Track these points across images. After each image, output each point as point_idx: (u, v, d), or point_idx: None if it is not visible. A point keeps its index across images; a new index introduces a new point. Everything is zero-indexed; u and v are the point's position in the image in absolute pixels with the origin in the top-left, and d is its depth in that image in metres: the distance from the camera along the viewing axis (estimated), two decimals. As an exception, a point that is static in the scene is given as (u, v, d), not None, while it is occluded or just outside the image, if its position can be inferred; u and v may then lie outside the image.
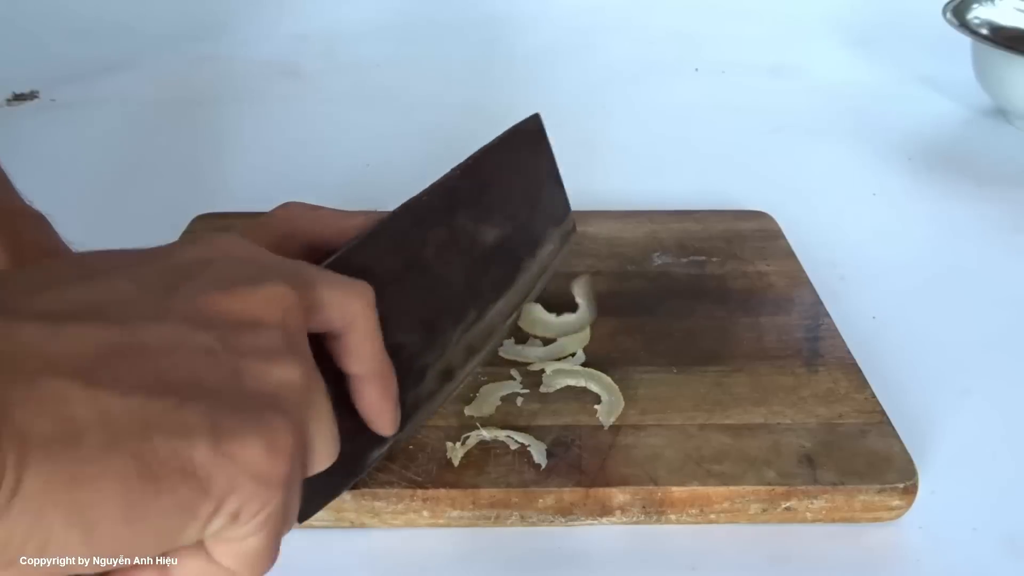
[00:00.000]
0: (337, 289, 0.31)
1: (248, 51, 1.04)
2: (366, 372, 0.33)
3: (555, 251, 0.51)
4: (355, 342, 0.32)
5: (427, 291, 0.41)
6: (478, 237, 0.45)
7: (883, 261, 0.66)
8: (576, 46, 1.08)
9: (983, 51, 0.84)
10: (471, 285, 0.44)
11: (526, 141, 0.50)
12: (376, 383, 0.33)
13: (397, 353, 0.36)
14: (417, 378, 0.40)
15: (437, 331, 0.41)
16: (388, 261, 0.38)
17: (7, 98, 0.91)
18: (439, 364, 0.41)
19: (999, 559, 0.43)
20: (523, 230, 0.48)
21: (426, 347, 0.40)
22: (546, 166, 0.51)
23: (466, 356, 0.44)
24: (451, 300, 0.43)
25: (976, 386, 0.54)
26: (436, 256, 0.42)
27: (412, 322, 0.39)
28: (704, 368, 0.51)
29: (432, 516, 0.43)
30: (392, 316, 0.36)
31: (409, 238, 0.40)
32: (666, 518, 0.43)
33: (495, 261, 0.46)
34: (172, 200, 0.70)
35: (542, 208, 0.50)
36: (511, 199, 0.48)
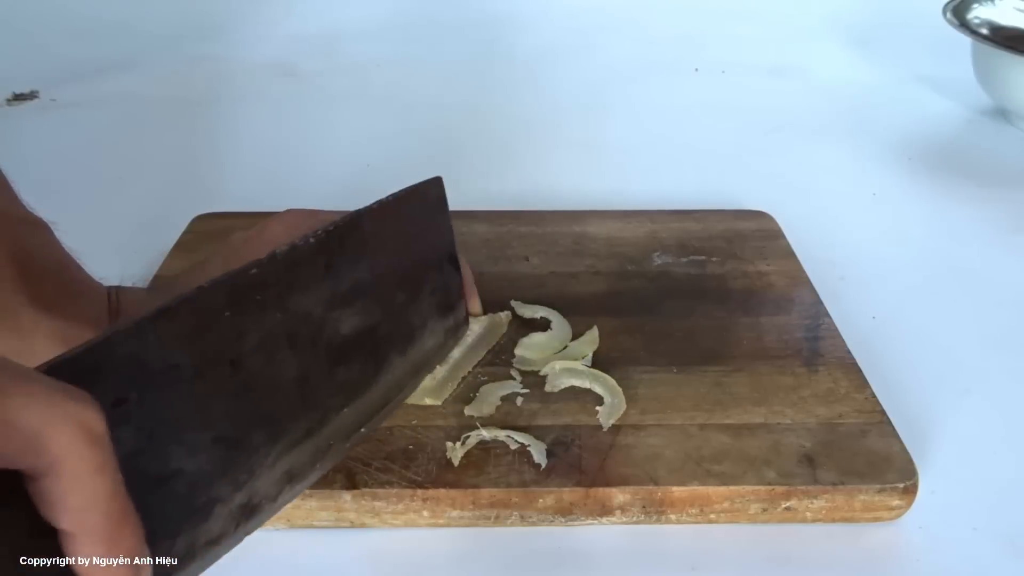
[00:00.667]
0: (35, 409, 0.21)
1: (247, 51, 1.04)
2: (78, 530, 0.23)
3: (437, 347, 0.43)
4: (59, 490, 0.22)
5: (233, 397, 0.31)
6: (327, 326, 0.35)
7: (883, 261, 0.66)
8: (576, 46, 1.08)
9: (983, 51, 0.84)
10: (307, 389, 0.34)
11: (419, 208, 0.41)
12: (96, 545, 0.23)
13: (170, 483, 0.27)
14: (198, 516, 0.29)
15: (241, 452, 0.31)
16: (176, 353, 0.29)
17: (7, 98, 0.91)
18: (238, 497, 0.31)
19: (999, 559, 0.43)
20: (395, 319, 0.39)
21: (220, 474, 0.30)
22: (441, 242, 0.43)
23: (282, 484, 0.33)
24: (271, 409, 0.33)
25: (976, 386, 0.54)
26: (257, 349, 0.32)
27: (202, 439, 0.29)
28: (704, 368, 0.51)
29: (432, 516, 0.43)
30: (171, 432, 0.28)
31: (218, 323, 0.30)
32: (666, 518, 0.43)
33: (349, 358, 0.36)
34: (172, 200, 0.70)
35: (426, 293, 0.41)
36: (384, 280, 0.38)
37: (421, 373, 0.42)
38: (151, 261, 0.61)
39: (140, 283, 0.50)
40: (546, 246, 0.62)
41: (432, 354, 0.43)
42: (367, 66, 1.01)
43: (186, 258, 0.60)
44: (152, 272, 0.59)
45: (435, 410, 0.47)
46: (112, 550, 0.23)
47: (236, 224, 0.62)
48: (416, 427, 0.46)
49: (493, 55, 1.05)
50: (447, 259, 0.43)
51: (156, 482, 0.26)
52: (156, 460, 0.26)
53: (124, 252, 0.59)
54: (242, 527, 0.32)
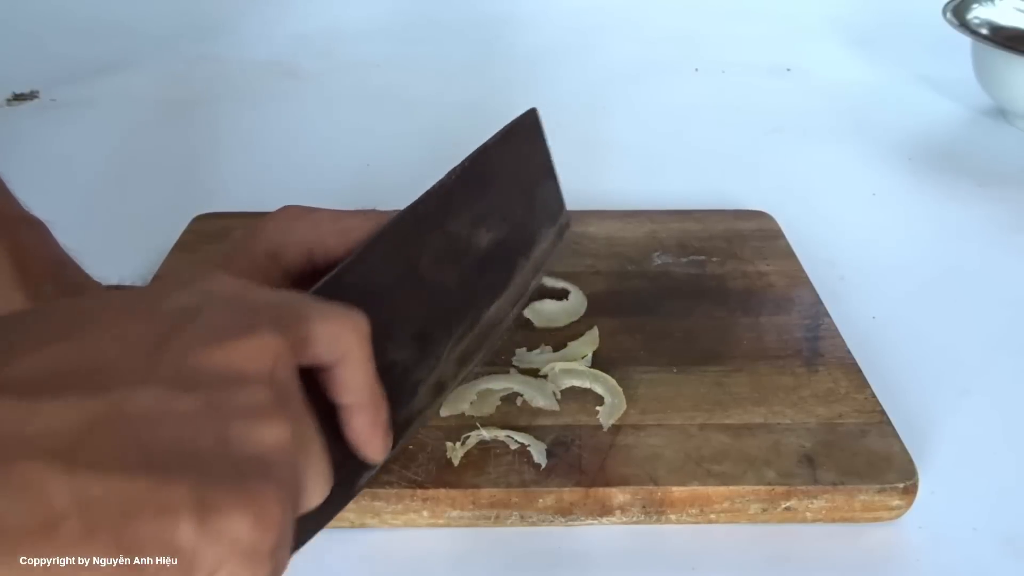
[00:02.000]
0: (329, 323, 0.30)
1: (248, 51, 1.04)
2: (356, 403, 0.31)
3: (549, 248, 0.50)
4: (346, 375, 0.31)
5: (422, 304, 0.40)
6: (473, 242, 0.44)
7: (883, 261, 0.66)
8: (576, 46, 1.08)
9: (983, 51, 0.84)
10: (465, 292, 0.43)
11: (523, 137, 0.49)
12: (366, 413, 0.32)
13: (390, 371, 0.35)
14: (409, 394, 0.38)
15: (431, 344, 0.40)
16: (382, 277, 0.38)
17: (7, 98, 0.91)
18: (431, 378, 0.40)
19: (999, 559, 0.43)
20: (518, 230, 0.47)
21: (419, 362, 0.39)
22: (542, 162, 0.51)
23: (458, 366, 0.42)
24: (445, 310, 0.41)
25: (976, 386, 0.54)
26: (431, 266, 0.41)
27: (406, 338, 0.38)
28: (704, 368, 0.51)
29: (432, 516, 0.43)
30: (386, 334, 0.35)
31: (404, 250, 0.39)
32: (666, 518, 0.43)
33: (490, 264, 0.45)
34: (172, 200, 0.70)
35: (537, 206, 0.50)
36: (507, 200, 0.47)
37: (540, 272, 0.49)
38: (151, 261, 0.61)
39: (139, 283, 0.50)
40: (546, 246, 0.62)
41: (546, 255, 0.50)
42: (367, 66, 1.01)
43: (186, 258, 0.60)
44: (152, 272, 0.59)
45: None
46: (376, 415, 0.32)
47: (236, 224, 0.62)
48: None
49: (493, 55, 1.05)
50: (548, 175, 0.51)
51: (383, 371, 0.33)
52: (381, 356, 0.33)
53: (124, 252, 0.59)
54: (436, 400, 0.40)
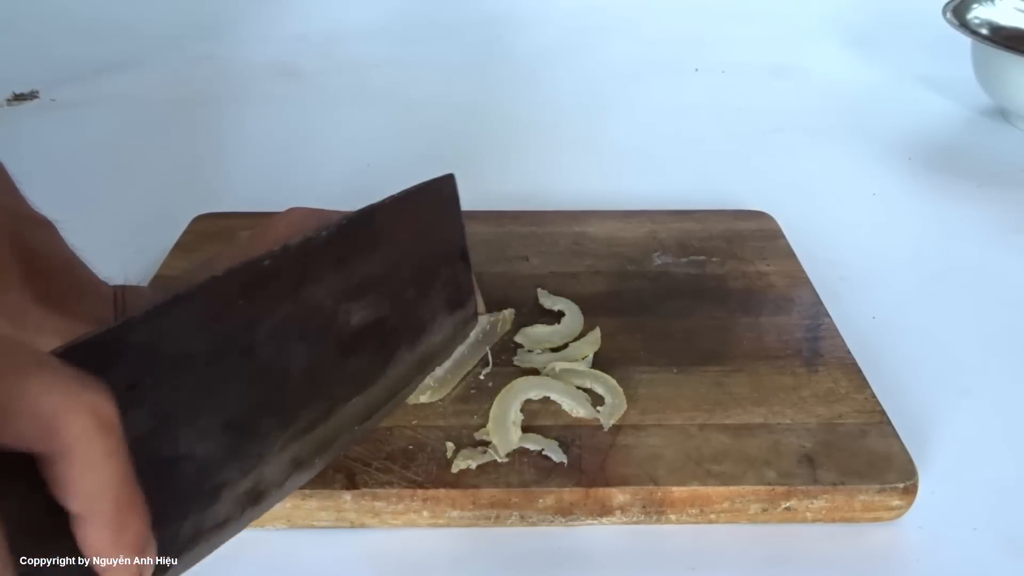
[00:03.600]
0: (52, 394, 0.22)
1: (248, 51, 1.04)
2: (89, 513, 0.23)
3: (445, 342, 0.43)
4: (72, 474, 0.23)
5: (244, 384, 0.31)
6: (338, 318, 0.36)
7: (883, 261, 0.66)
8: (576, 46, 1.08)
9: (983, 51, 0.84)
10: (317, 378, 0.35)
11: (430, 204, 0.42)
12: (104, 529, 0.24)
13: (179, 466, 0.28)
14: (206, 501, 0.30)
15: (250, 438, 0.32)
16: (191, 339, 0.29)
17: (7, 98, 0.91)
18: (245, 482, 0.32)
19: (999, 559, 0.43)
20: (405, 313, 0.40)
21: (228, 459, 0.31)
22: (452, 238, 0.44)
23: (289, 471, 0.34)
24: (281, 397, 0.33)
25: (976, 386, 0.54)
26: (268, 338, 0.32)
27: (211, 424, 0.30)
28: (704, 368, 0.51)
29: (432, 516, 0.43)
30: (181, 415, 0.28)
31: (231, 311, 0.31)
32: (666, 518, 0.43)
33: (358, 349, 0.37)
34: (172, 200, 0.70)
35: (436, 288, 0.42)
36: (394, 274, 0.39)
37: (429, 367, 0.42)
38: (151, 261, 0.61)
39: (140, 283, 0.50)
40: (546, 246, 0.62)
41: (440, 348, 0.43)
42: (367, 66, 1.01)
43: (186, 258, 0.60)
44: (152, 272, 0.59)
45: (435, 410, 0.47)
46: (119, 533, 0.24)
47: (236, 224, 0.62)
48: (416, 427, 0.46)
49: (493, 55, 1.05)
50: (458, 255, 0.44)
51: (166, 464, 0.27)
52: (167, 443, 0.27)
53: (124, 252, 0.59)
54: (248, 512, 0.32)
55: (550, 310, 0.55)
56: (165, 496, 0.26)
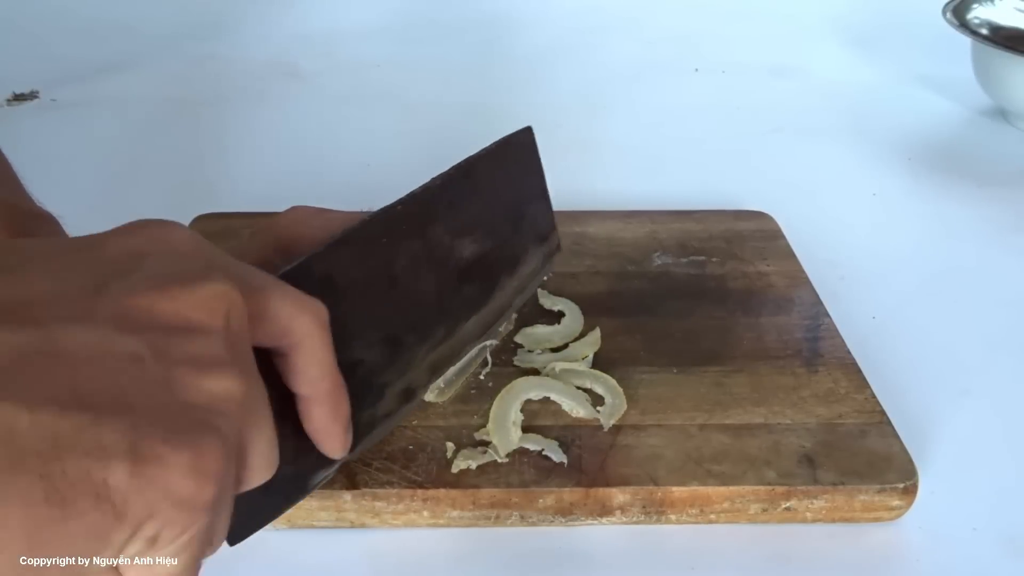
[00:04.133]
0: (287, 302, 0.28)
1: (248, 51, 1.04)
2: (314, 394, 0.30)
3: (536, 270, 0.49)
4: (303, 362, 0.29)
5: (394, 305, 0.38)
6: (454, 251, 0.42)
7: (883, 261, 0.66)
8: (576, 46, 1.08)
9: (983, 51, 0.84)
10: (442, 301, 0.42)
11: (515, 154, 0.48)
12: (325, 406, 0.30)
13: (354, 369, 0.34)
14: (375, 396, 0.37)
15: (401, 348, 0.39)
16: (353, 271, 0.36)
17: (7, 98, 0.91)
18: (400, 383, 0.39)
19: (999, 559, 0.43)
20: (504, 247, 0.46)
21: (388, 364, 0.38)
22: (534, 181, 0.49)
23: (430, 375, 0.41)
24: (419, 316, 0.40)
25: (976, 386, 0.54)
26: (407, 269, 0.39)
27: (374, 337, 0.37)
28: (704, 368, 0.51)
29: (432, 516, 0.43)
30: (353, 329, 0.34)
31: (378, 248, 0.38)
32: (666, 518, 0.43)
33: (470, 277, 0.43)
34: (172, 200, 0.70)
35: (526, 225, 0.48)
36: (493, 214, 0.45)
37: (525, 292, 0.48)
38: (151, 261, 0.61)
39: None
40: (546, 246, 0.62)
41: (532, 276, 0.48)
42: (367, 66, 1.01)
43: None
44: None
45: (435, 410, 0.47)
46: (335, 409, 0.31)
47: (237, 224, 0.62)
48: (416, 427, 0.46)
49: (493, 55, 1.05)
50: (540, 195, 0.50)
51: (347, 368, 0.32)
52: (345, 352, 0.32)
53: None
54: (404, 407, 0.39)
55: (550, 310, 0.55)
56: (350, 392, 0.32)
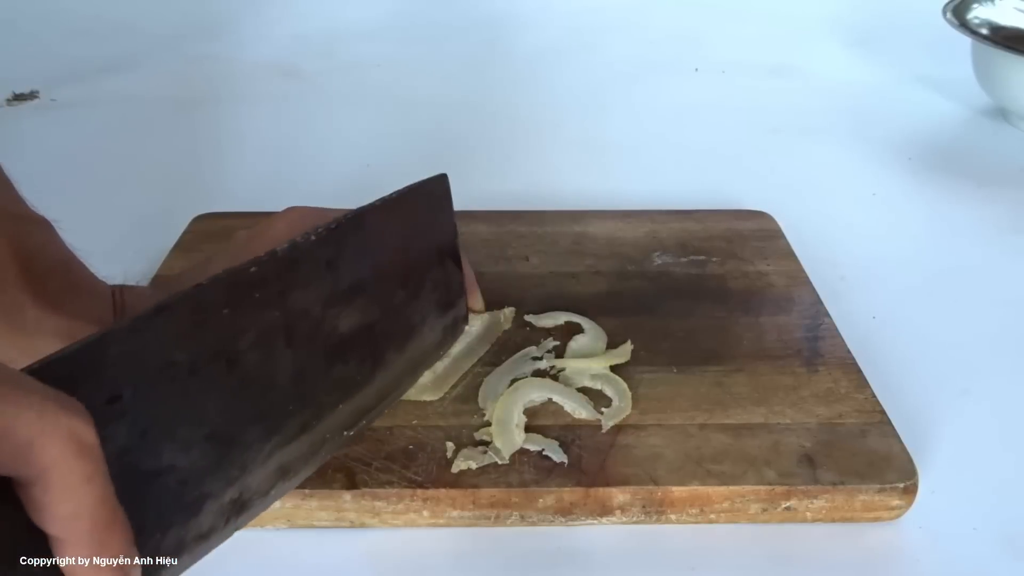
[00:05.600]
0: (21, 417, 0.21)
1: (248, 51, 1.04)
2: (66, 537, 0.23)
3: (436, 344, 0.43)
4: (48, 498, 0.22)
5: (228, 394, 0.31)
6: (325, 323, 0.35)
7: (883, 261, 0.66)
8: (576, 46, 1.08)
9: (983, 51, 0.84)
10: (303, 386, 0.34)
11: (422, 204, 0.41)
12: (85, 551, 0.23)
13: (161, 478, 0.27)
14: (188, 511, 0.29)
15: (233, 448, 0.31)
16: (172, 350, 0.29)
17: (7, 98, 0.91)
18: (229, 493, 0.31)
19: (998, 559, 0.43)
20: (394, 317, 0.39)
21: (211, 469, 0.30)
22: (444, 239, 0.43)
23: (275, 480, 0.33)
24: (266, 406, 0.33)
25: (976, 386, 0.54)
26: (254, 346, 0.32)
27: (194, 435, 0.29)
28: (704, 368, 0.51)
29: (432, 516, 0.43)
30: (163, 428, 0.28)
31: (214, 319, 0.30)
32: (666, 518, 0.43)
33: (346, 355, 0.36)
34: (172, 200, 0.70)
35: (427, 291, 0.42)
36: (384, 276, 0.39)
37: (418, 370, 0.42)
38: (151, 261, 0.61)
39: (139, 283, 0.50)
40: (546, 246, 0.62)
41: (430, 351, 0.43)
42: (367, 66, 1.01)
43: (186, 258, 0.61)
44: (152, 272, 0.59)
45: (435, 410, 0.47)
46: (100, 554, 0.23)
47: (236, 224, 0.62)
48: (416, 427, 0.46)
49: (493, 55, 1.05)
50: (449, 256, 0.43)
51: (148, 477, 0.26)
52: (149, 456, 0.26)
53: (124, 252, 0.59)
54: (232, 522, 0.32)
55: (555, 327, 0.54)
56: (147, 509, 0.26)
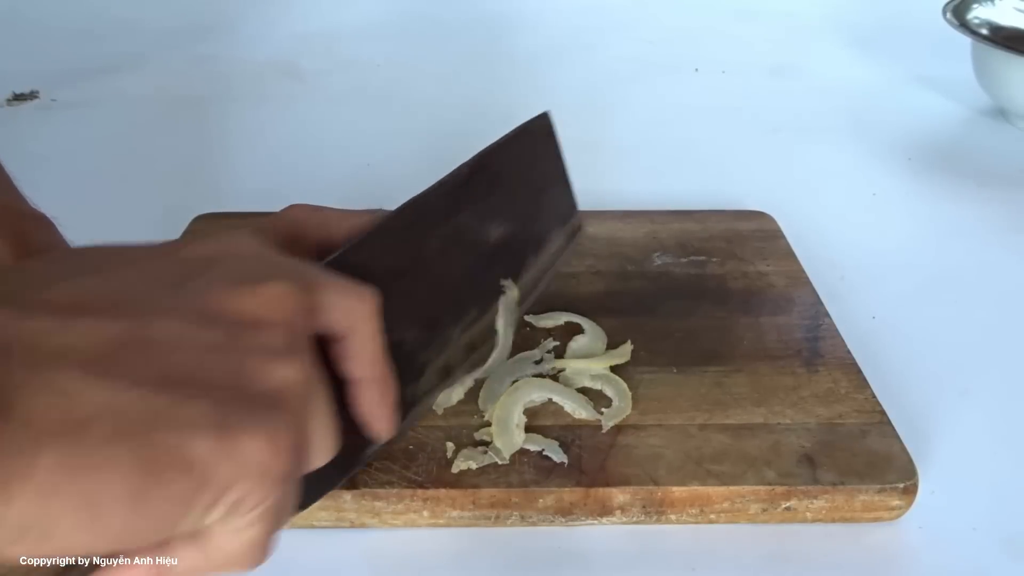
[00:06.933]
0: (342, 293, 0.31)
1: (248, 51, 1.04)
2: (365, 377, 0.33)
3: (560, 250, 0.51)
4: (355, 347, 0.32)
5: (429, 288, 0.41)
6: (482, 235, 0.45)
7: (883, 261, 0.66)
8: (577, 46, 1.08)
9: (983, 51, 0.84)
10: (473, 283, 0.44)
11: (535, 139, 0.50)
12: (374, 388, 0.33)
13: (397, 349, 0.36)
14: (416, 375, 0.40)
15: (438, 328, 0.41)
16: (390, 259, 0.38)
17: (7, 98, 0.91)
18: (439, 361, 0.41)
19: (998, 559, 0.43)
20: (528, 228, 0.48)
21: (427, 344, 0.41)
22: (554, 164, 0.52)
23: (466, 354, 0.44)
24: (453, 298, 0.43)
25: (976, 386, 0.54)
26: (439, 254, 0.42)
27: (414, 319, 0.39)
28: (704, 368, 0.51)
29: (432, 516, 0.43)
30: (394, 313, 0.36)
31: (412, 235, 0.40)
32: (666, 518, 0.43)
33: (498, 259, 0.46)
34: (172, 200, 0.70)
35: (548, 207, 0.51)
36: (517, 197, 0.48)
37: (550, 273, 0.50)
38: (151, 261, 0.61)
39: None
40: (546, 246, 0.62)
41: (556, 255, 0.50)
42: (367, 66, 1.01)
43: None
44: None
45: (435, 410, 0.47)
46: (385, 391, 0.33)
47: (236, 224, 0.62)
48: (416, 427, 0.46)
49: (494, 55, 1.05)
50: (560, 178, 0.51)
51: (390, 350, 0.33)
52: (388, 335, 0.33)
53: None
54: (442, 384, 0.42)
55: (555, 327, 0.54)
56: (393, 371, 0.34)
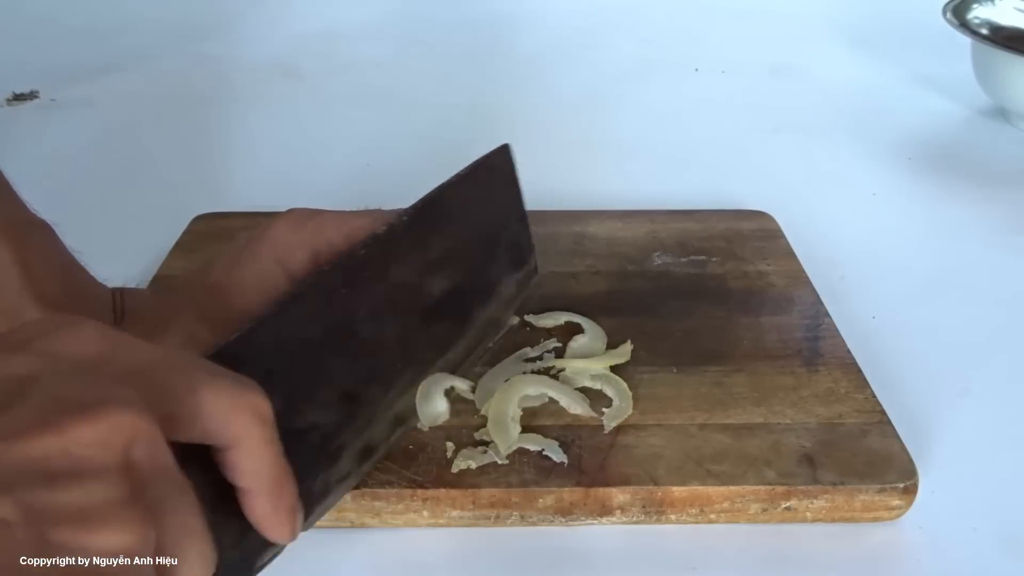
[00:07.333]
0: (219, 402, 0.27)
1: (248, 51, 1.04)
2: (255, 488, 0.29)
3: (512, 298, 0.47)
4: (240, 459, 0.28)
5: (352, 359, 0.37)
6: (421, 291, 0.41)
7: (883, 261, 0.66)
8: (576, 46, 1.08)
9: (983, 51, 0.84)
10: (408, 346, 0.40)
11: (492, 175, 0.45)
12: (268, 498, 0.29)
13: (308, 435, 0.33)
14: (330, 460, 0.36)
15: (360, 404, 0.37)
16: (305, 333, 0.34)
17: (7, 98, 0.91)
18: (358, 442, 0.37)
19: (998, 559, 0.43)
20: (476, 277, 0.44)
21: (345, 424, 0.36)
22: (511, 203, 0.47)
23: (392, 428, 0.40)
24: (381, 366, 0.38)
25: (976, 386, 0.54)
26: (368, 319, 0.37)
27: (330, 398, 0.35)
28: (704, 368, 0.51)
29: (432, 516, 0.43)
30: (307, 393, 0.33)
31: (336, 303, 0.36)
32: (666, 518, 0.43)
33: (440, 316, 0.42)
34: (172, 200, 0.70)
35: (501, 251, 0.46)
36: (465, 244, 0.43)
37: (500, 323, 0.46)
38: (151, 261, 0.61)
39: (139, 283, 0.50)
40: (546, 246, 0.62)
41: (507, 305, 0.47)
42: (367, 66, 1.01)
43: (186, 258, 0.60)
44: (152, 272, 0.59)
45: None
46: (278, 500, 0.29)
47: (236, 224, 0.62)
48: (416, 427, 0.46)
49: (493, 55, 1.05)
50: (517, 217, 0.47)
51: (299, 435, 0.31)
52: (297, 417, 0.31)
53: (123, 252, 0.59)
54: (362, 466, 0.38)
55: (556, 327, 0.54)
56: (300, 461, 0.30)
